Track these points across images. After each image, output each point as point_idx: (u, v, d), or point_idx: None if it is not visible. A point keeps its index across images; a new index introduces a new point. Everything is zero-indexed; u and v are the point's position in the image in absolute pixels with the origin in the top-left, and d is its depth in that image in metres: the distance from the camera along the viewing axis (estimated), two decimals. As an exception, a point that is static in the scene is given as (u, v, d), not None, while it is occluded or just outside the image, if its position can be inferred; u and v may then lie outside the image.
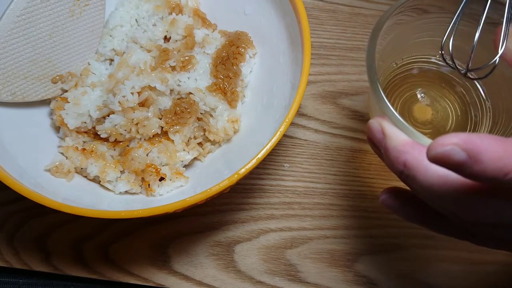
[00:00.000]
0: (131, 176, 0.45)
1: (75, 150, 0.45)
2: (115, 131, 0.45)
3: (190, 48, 0.48)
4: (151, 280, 0.48)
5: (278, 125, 0.41)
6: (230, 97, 0.47)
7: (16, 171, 0.40)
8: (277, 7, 0.47)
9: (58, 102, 0.46)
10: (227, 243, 0.50)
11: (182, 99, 0.46)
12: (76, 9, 0.45)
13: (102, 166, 0.45)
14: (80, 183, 0.45)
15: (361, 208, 0.51)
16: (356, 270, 0.49)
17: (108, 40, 0.48)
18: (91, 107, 0.45)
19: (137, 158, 0.44)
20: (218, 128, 0.46)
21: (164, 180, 0.44)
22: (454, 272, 0.49)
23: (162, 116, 0.46)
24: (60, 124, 0.45)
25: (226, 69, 0.47)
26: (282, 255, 0.49)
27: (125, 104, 0.44)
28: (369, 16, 0.58)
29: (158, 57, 0.47)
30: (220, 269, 0.49)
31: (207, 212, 0.50)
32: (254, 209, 0.51)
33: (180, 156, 0.46)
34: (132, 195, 0.45)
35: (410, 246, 0.50)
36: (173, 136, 0.46)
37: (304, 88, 0.41)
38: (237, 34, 0.49)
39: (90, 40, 0.48)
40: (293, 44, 0.45)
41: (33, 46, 0.44)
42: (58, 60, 0.46)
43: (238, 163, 0.41)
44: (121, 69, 0.45)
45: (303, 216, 0.50)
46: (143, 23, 0.49)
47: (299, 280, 0.49)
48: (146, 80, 0.44)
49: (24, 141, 0.44)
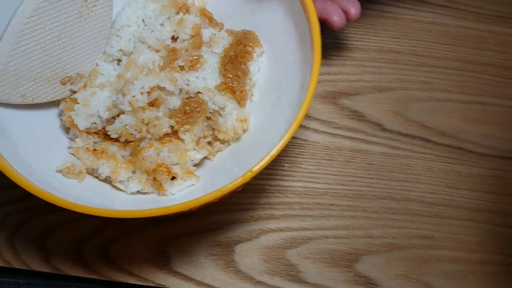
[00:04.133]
0: (142, 176, 0.45)
1: (86, 150, 0.45)
2: (126, 131, 0.45)
3: (198, 47, 0.48)
4: (151, 280, 0.48)
5: (287, 123, 0.41)
6: (239, 96, 0.47)
7: (27, 172, 0.40)
8: (285, 6, 0.47)
9: (67, 103, 0.46)
10: (227, 243, 0.50)
11: (191, 99, 0.46)
12: (84, 10, 0.45)
13: (114, 167, 0.45)
14: (91, 184, 0.45)
15: (361, 208, 0.51)
16: (356, 270, 0.49)
17: (116, 41, 0.48)
18: (100, 108, 0.45)
19: (148, 158, 0.44)
20: (227, 127, 0.46)
21: (175, 179, 0.44)
22: (454, 272, 0.49)
23: (172, 115, 0.46)
24: (70, 125, 0.46)
25: (235, 68, 0.47)
26: (282, 255, 0.49)
27: (135, 104, 0.44)
28: (369, 16, 0.58)
29: (166, 57, 0.47)
30: (220, 269, 0.49)
31: (207, 212, 0.50)
32: (254, 209, 0.51)
33: (191, 155, 0.46)
34: (144, 195, 0.45)
35: (410, 246, 0.50)
36: (184, 135, 0.46)
37: (314, 87, 0.41)
38: (244, 33, 0.49)
39: (98, 41, 0.47)
40: (302, 42, 0.45)
41: (42, 47, 0.44)
42: (67, 61, 0.46)
43: (248, 161, 0.41)
44: (129, 69, 0.45)
45: (303, 216, 0.51)
46: (150, 23, 0.49)
47: (299, 280, 0.49)
48: (155, 80, 0.44)
49: (34, 142, 0.44)
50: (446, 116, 0.55)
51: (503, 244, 0.51)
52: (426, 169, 0.53)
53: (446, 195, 0.52)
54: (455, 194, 0.52)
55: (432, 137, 0.54)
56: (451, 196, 0.52)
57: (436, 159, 0.53)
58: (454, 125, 0.54)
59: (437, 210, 0.51)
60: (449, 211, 0.51)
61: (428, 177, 0.52)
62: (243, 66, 0.47)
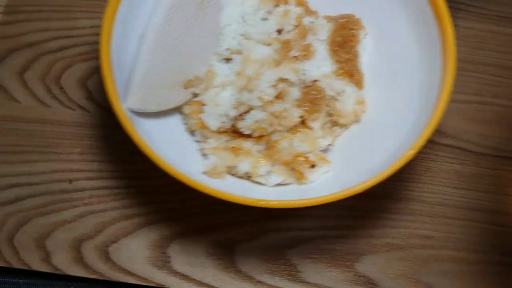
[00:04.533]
0: (280, 167, 0.46)
1: (224, 149, 0.46)
2: (259, 126, 0.46)
3: (303, 37, 0.49)
4: (151, 280, 0.48)
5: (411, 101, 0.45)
6: (357, 79, 0.48)
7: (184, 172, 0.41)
8: None
9: (191, 106, 0.47)
10: (227, 243, 0.50)
11: (309, 87, 0.47)
12: (200, 12, 0.46)
13: (254, 162, 0.46)
14: (232, 182, 0.46)
15: (361, 208, 0.51)
16: (356, 270, 0.49)
17: (222, 40, 0.49)
18: (227, 107, 0.46)
19: (284, 150, 0.46)
20: (347, 111, 0.47)
21: (315, 166, 0.45)
22: (454, 272, 0.49)
23: (297, 105, 0.47)
24: (199, 127, 0.46)
25: (346, 52, 0.48)
26: (282, 255, 0.49)
27: (265, 98, 0.45)
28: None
29: (280, 49, 0.47)
30: (220, 269, 0.49)
31: (207, 212, 0.50)
32: (254, 209, 0.51)
33: (320, 142, 0.47)
34: (284, 186, 0.46)
35: (410, 246, 0.50)
36: (312, 123, 0.47)
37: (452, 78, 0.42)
38: (345, 17, 0.50)
39: (210, 41, 0.48)
40: (414, 20, 0.47)
41: (169, 54, 0.45)
42: (187, 65, 0.47)
43: (382, 144, 0.44)
44: (247, 65, 0.46)
45: (303, 216, 0.50)
46: (250, 19, 0.49)
47: (299, 280, 0.49)
48: (279, 73, 0.46)
49: (175, 149, 0.45)
50: (446, 115, 0.55)
51: (503, 244, 0.51)
52: (426, 169, 0.53)
53: (446, 195, 0.52)
54: (455, 194, 0.52)
55: (432, 136, 0.54)
56: (451, 196, 0.52)
57: (436, 158, 0.53)
58: (454, 124, 0.54)
59: (437, 210, 0.51)
60: (449, 211, 0.51)
61: (428, 177, 0.52)
62: (354, 50, 0.48)
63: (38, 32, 0.56)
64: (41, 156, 0.52)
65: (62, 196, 0.50)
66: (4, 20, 0.56)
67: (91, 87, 0.54)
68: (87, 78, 0.55)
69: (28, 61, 0.55)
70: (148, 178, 0.51)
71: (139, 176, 0.51)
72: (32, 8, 0.57)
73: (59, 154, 0.52)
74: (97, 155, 0.52)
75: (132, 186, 0.51)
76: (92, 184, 0.51)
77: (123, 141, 0.53)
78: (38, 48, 0.55)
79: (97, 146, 0.52)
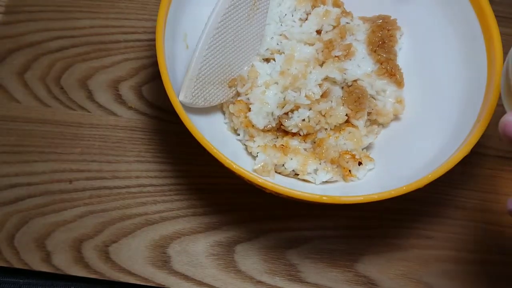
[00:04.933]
0: (327, 165, 0.47)
1: (273, 148, 0.47)
2: (307, 124, 0.47)
3: (343, 37, 0.50)
4: (151, 280, 0.48)
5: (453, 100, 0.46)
6: (398, 78, 0.49)
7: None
8: None
9: (236, 105, 0.48)
10: (227, 243, 0.50)
11: (349, 86, 0.48)
12: (251, 13, 0.47)
13: (302, 160, 0.46)
14: (280, 179, 0.47)
15: (361, 208, 0.51)
16: (356, 270, 0.49)
17: (263, 40, 0.50)
18: (273, 105, 0.47)
19: (331, 147, 0.47)
20: (387, 109, 0.49)
21: (361, 164, 0.46)
22: (454, 272, 0.49)
23: (343, 104, 0.48)
24: (246, 126, 0.47)
25: (385, 52, 0.49)
26: (282, 255, 0.49)
27: (313, 97, 0.46)
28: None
29: (323, 48, 0.48)
30: (220, 269, 0.49)
31: (207, 212, 0.50)
32: (254, 209, 0.51)
33: (364, 140, 0.48)
34: (331, 184, 0.47)
35: (410, 246, 0.50)
36: (357, 121, 0.48)
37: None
38: (381, 18, 0.51)
39: (255, 42, 0.49)
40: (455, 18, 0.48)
41: (222, 51, 0.46)
42: (234, 64, 0.48)
43: (423, 143, 0.45)
44: (291, 65, 0.47)
45: (303, 216, 0.50)
46: (288, 19, 0.50)
47: (299, 280, 0.49)
48: (325, 72, 0.47)
49: (224, 146, 0.45)
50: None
51: (503, 244, 0.51)
52: (426, 169, 0.53)
53: (446, 195, 0.52)
54: (455, 194, 0.52)
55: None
56: (451, 196, 0.52)
57: (436, 159, 0.53)
58: (454, 125, 0.54)
59: (437, 210, 0.51)
60: (449, 211, 0.51)
61: (428, 177, 0.52)
62: (393, 49, 0.50)
63: (38, 32, 0.56)
64: (41, 156, 0.52)
65: (62, 196, 0.50)
66: (4, 20, 0.57)
67: (91, 87, 0.54)
68: (87, 78, 0.55)
69: (28, 61, 0.55)
70: (148, 178, 0.51)
71: (139, 176, 0.51)
72: (32, 8, 0.57)
73: (59, 154, 0.52)
74: (97, 155, 0.52)
75: (132, 186, 0.51)
76: (92, 184, 0.51)
77: (123, 141, 0.53)
78: (38, 48, 0.56)
79: (97, 146, 0.52)
